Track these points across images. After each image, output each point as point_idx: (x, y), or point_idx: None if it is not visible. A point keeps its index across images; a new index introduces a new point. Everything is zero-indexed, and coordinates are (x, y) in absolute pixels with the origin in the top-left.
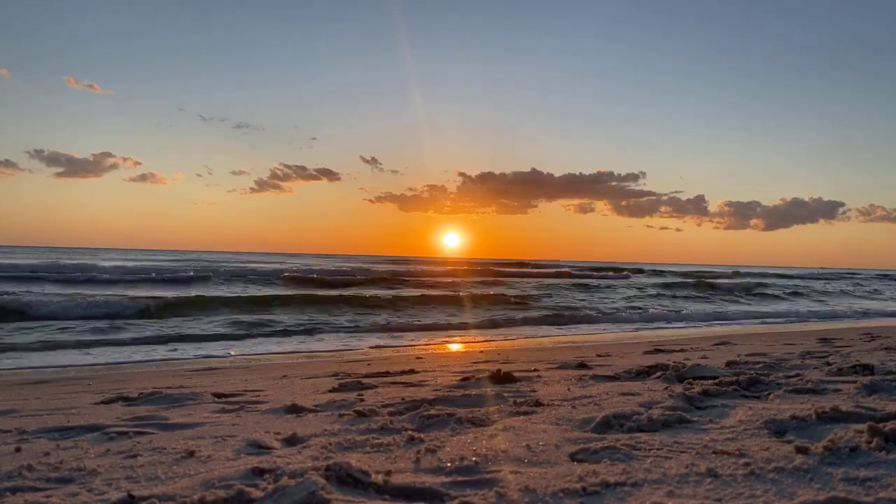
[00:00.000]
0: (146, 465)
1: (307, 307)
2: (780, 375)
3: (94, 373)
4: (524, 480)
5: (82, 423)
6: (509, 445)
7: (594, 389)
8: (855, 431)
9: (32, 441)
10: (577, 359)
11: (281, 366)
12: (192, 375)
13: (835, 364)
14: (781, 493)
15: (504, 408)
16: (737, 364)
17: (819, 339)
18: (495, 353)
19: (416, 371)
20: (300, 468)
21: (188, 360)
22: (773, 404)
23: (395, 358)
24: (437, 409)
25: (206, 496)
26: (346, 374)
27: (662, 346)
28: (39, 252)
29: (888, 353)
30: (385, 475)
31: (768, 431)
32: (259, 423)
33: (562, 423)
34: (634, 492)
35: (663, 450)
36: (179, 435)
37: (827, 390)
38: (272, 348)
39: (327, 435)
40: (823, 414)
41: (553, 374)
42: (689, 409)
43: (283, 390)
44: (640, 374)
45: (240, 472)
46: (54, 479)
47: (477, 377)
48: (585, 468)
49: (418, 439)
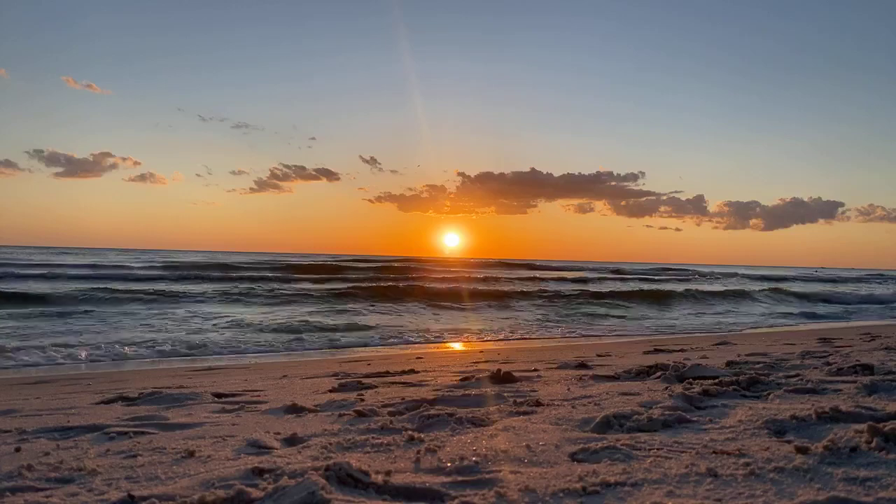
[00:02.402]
0: (146, 465)
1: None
2: (780, 375)
3: (94, 373)
4: (524, 480)
5: (82, 423)
6: (509, 445)
7: (594, 389)
8: (855, 431)
9: (32, 441)
10: (576, 359)
11: (281, 365)
12: (192, 375)
13: (835, 364)
14: (781, 493)
15: (504, 408)
16: (737, 364)
17: (819, 338)
18: (495, 353)
19: (416, 371)
20: (300, 468)
21: (187, 360)
22: (773, 404)
23: (395, 358)
24: (437, 409)
25: (206, 496)
26: (346, 374)
27: (662, 346)
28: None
29: (888, 353)
30: (385, 475)
31: (768, 431)
32: (259, 423)
33: (562, 423)
34: (634, 492)
35: (663, 450)
36: (179, 435)
37: (827, 390)
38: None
39: (327, 435)
40: (823, 414)
41: (553, 374)
42: (689, 409)
43: (283, 390)
44: (640, 373)
45: (240, 472)
46: (54, 479)
47: (477, 377)
48: (585, 468)
49: (418, 439)
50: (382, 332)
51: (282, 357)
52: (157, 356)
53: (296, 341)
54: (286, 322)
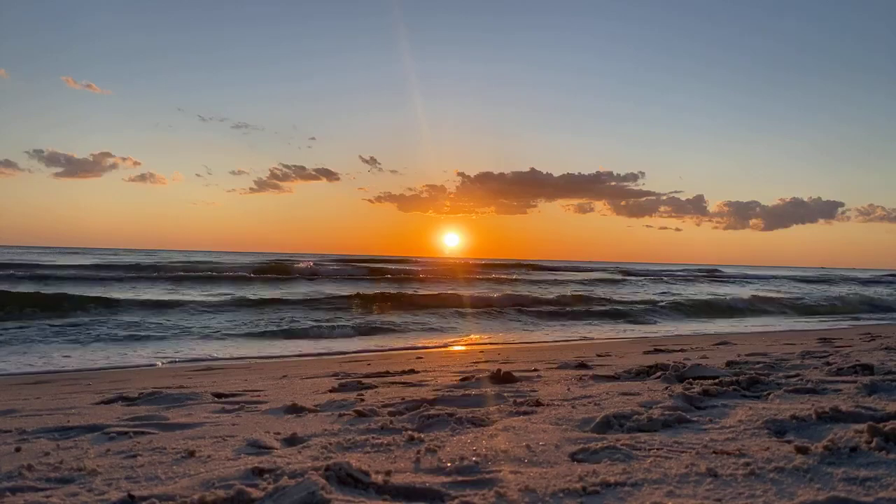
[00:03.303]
0: (146, 465)
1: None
2: (780, 375)
3: (94, 372)
4: (524, 480)
5: (82, 423)
6: (509, 445)
7: (594, 389)
8: (855, 431)
9: (32, 441)
10: (576, 359)
11: (281, 365)
12: (192, 375)
13: (835, 364)
14: (781, 493)
15: (504, 408)
16: (737, 364)
17: (819, 338)
18: (495, 353)
19: (416, 371)
20: (300, 468)
21: (188, 358)
22: (773, 404)
23: (395, 358)
24: (437, 409)
25: (206, 496)
26: (346, 374)
27: (662, 345)
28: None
29: (888, 353)
30: (385, 475)
31: (768, 431)
32: (259, 423)
33: (562, 423)
34: (634, 492)
35: (663, 450)
36: (179, 435)
37: (827, 390)
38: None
39: (327, 435)
40: (823, 414)
41: (553, 374)
42: (689, 408)
43: (283, 390)
44: (640, 373)
45: (240, 472)
46: (54, 479)
47: (477, 377)
48: (585, 468)
49: (418, 439)
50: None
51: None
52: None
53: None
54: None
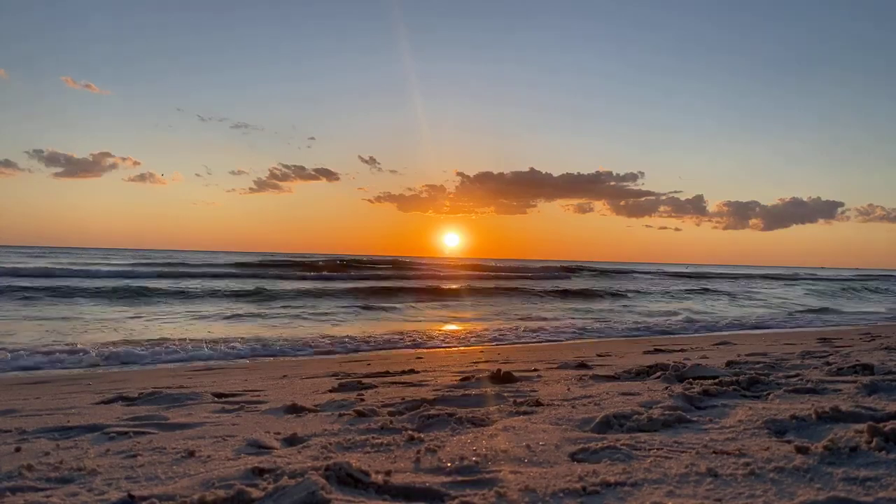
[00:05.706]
0: (146, 465)
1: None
2: (780, 375)
3: (94, 372)
4: (524, 480)
5: (82, 423)
6: (509, 445)
7: (594, 389)
8: (855, 431)
9: (32, 441)
10: (577, 359)
11: (281, 365)
12: (192, 375)
13: (835, 364)
14: (781, 493)
15: (504, 408)
16: (737, 364)
17: (819, 338)
18: (495, 352)
19: (416, 371)
20: (300, 468)
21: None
22: (773, 404)
23: (395, 357)
24: (437, 408)
25: (206, 496)
26: (346, 374)
27: (662, 346)
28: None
29: (888, 353)
30: (385, 475)
31: (768, 431)
32: (259, 423)
33: (562, 423)
34: (634, 492)
35: (663, 450)
36: (179, 435)
37: (827, 390)
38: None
39: (327, 435)
40: (823, 414)
41: (553, 374)
42: (689, 408)
43: (283, 390)
44: (640, 373)
45: (240, 472)
46: (54, 479)
47: (477, 377)
48: (585, 468)
49: (418, 439)
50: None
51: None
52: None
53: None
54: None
